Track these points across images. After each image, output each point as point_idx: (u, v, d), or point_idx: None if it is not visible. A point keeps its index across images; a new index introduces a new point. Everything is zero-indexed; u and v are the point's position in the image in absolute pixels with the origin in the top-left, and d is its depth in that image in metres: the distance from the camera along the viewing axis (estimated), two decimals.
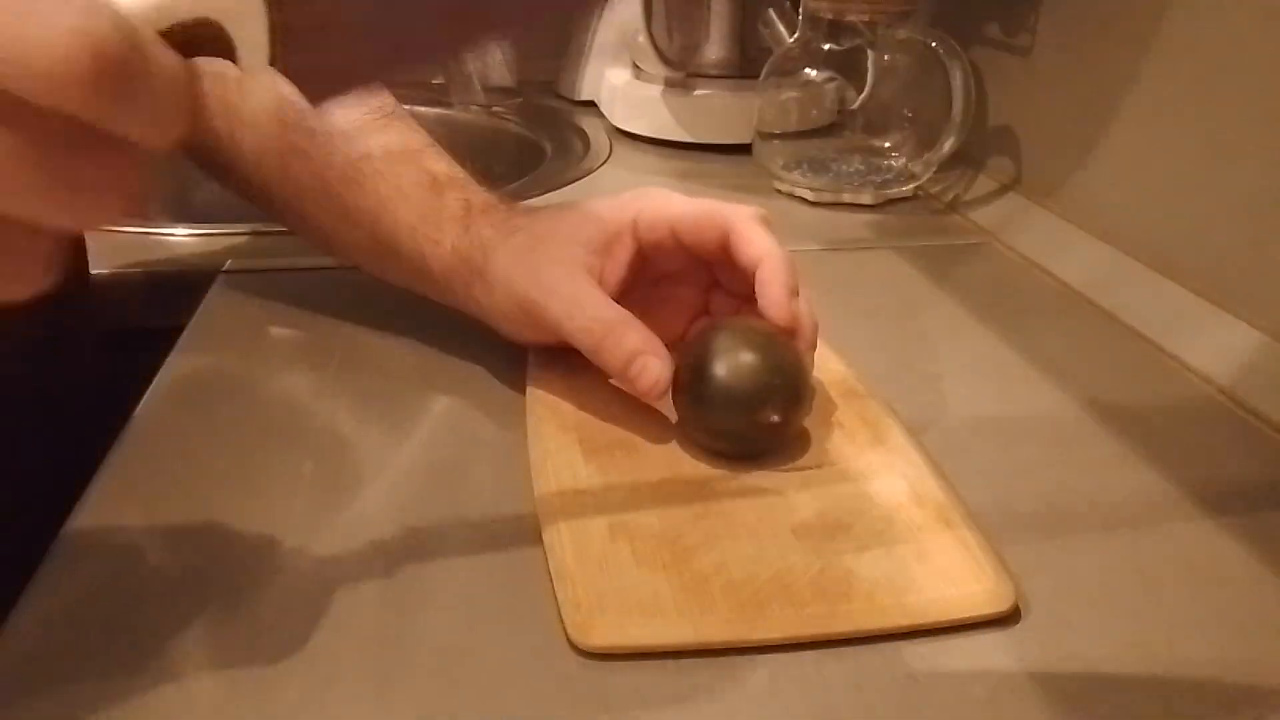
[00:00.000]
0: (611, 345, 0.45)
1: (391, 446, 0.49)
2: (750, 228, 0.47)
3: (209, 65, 0.27)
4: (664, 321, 0.49)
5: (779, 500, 0.43)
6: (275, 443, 0.48)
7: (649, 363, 0.45)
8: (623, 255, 0.49)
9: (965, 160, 0.89)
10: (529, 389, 0.52)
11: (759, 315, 0.46)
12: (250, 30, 0.27)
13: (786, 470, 0.45)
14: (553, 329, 0.47)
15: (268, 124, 0.53)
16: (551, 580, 0.39)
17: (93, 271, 0.61)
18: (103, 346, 0.60)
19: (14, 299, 0.25)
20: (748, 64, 0.98)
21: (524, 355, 0.55)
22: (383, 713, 0.33)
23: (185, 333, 0.59)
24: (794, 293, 0.46)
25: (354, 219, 0.52)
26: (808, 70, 0.89)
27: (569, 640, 0.36)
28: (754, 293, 0.46)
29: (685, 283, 0.52)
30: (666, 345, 0.46)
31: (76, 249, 0.55)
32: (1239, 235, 0.60)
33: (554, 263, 0.48)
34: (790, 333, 0.46)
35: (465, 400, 0.53)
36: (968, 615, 0.38)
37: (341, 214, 0.52)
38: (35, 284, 0.25)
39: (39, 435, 0.52)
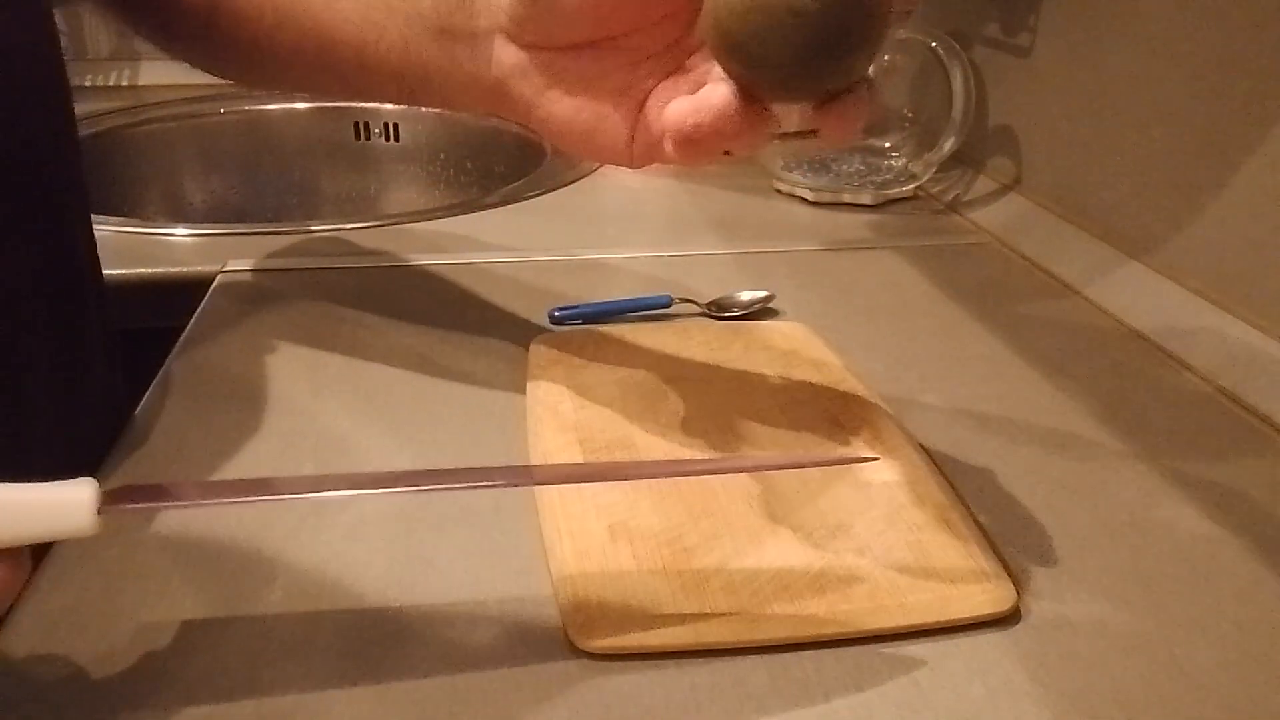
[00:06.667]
0: None
1: (391, 447, 0.49)
2: None
3: None
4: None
5: (779, 501, 0.43)
6: (275, 443, 0.48)
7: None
8: None
9: (965, 160, 0.89)
10: (529, 389, 0.52)
11: None
12: None
13: (786, 469, 0.45)
14: None
15: None
16: (551, 581, 0.39)
17: None
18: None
19: None
20: None
21: (524, 355, 0.55)
22: (383, 713, 0.34)
23: (185, 333, 0.59)
24: None
25: (336, 42, 0.45)
26: None
27: (569, 641, 0.36)
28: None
29: None
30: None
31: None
32: (1239, 235, 0.60)
33: None
34: None
35: (465, 400, 0.53)
36: (968, 615, 0.38)
37: (326, 45, 0.45)
38: None
39: (39, 434, 0.52)
